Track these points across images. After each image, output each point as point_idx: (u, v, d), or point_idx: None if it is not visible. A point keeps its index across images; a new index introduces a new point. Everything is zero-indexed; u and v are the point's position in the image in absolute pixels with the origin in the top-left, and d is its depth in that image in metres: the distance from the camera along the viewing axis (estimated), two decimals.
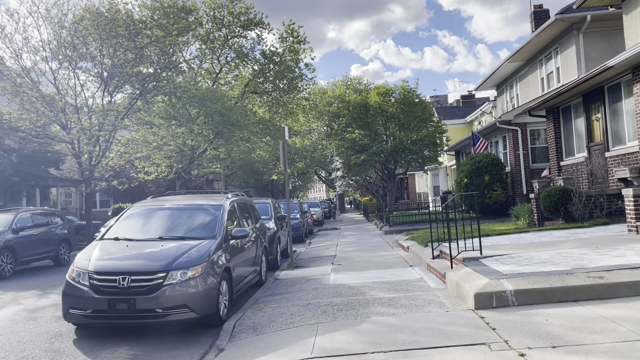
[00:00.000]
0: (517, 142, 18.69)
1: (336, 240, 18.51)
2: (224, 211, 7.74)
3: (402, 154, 29.81)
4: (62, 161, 22.98)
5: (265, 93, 31.64)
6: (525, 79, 23.52)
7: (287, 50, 30.64)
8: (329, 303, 6.92)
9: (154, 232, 7.26)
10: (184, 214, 7.69)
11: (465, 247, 7.92)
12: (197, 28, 28.11)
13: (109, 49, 21.55)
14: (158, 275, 6.18)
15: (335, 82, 56.63)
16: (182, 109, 24.85)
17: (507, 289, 5.78)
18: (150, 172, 28.08)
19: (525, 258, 7.32)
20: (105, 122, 21.71)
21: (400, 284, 8.05)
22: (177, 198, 8.47)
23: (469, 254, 7.77)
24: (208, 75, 30.80)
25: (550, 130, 15.30)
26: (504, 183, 18.53)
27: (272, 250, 11.40)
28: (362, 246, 15.32)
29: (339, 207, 62.41)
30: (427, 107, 30.59)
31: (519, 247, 8.59)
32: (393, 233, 18.78)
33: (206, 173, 34.80)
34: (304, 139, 46.43)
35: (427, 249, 10.42)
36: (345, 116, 30.23)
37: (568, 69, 19.12)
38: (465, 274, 6.81)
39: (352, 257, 12.51)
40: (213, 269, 6.61)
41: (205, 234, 7.22)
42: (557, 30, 19.05)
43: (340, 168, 40.94)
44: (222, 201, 8.04)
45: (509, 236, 10.45)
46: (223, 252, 7.09)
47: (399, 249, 13.41)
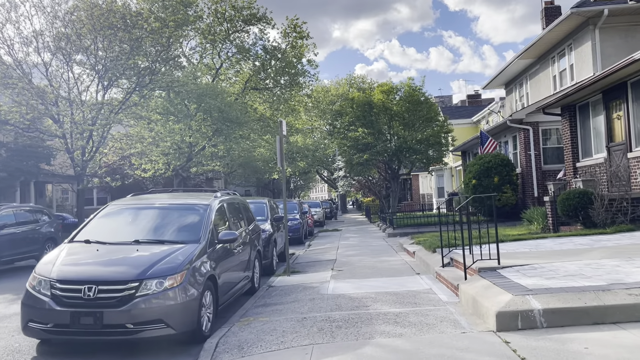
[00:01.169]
0: (529, 142, 17.81)
1: (337, 242, 17.67)
2: (211, 212, 6.90)
3: (406, 154, 28.94)
4: (53, 156, 22.17)
5: (267, 89, 30.81)
6: (536, 77, 22.63)
7: (290, 46, 29.82)
8: (326, 318, 6.08)
9: (130, 234, 6.42)
10: (165, 214, 6.86)
11: (481, 254, 7.06)
12: (197, 22, 27.32)
13: (104, 41, 20.75)
14: (130, 284, 5.35)
15: (339, 81, 55.81)
16: (180, 105, 24.06)
17: (535, 308, 4.93)
18: (147, 169, 27.33)
19: (550, 269, 6.46)
20: (99, 116, 20.92)
21: (407, 295, 7.21)
22: (160, 197, 7.64)
23: (485, 263, 6.91)
24: (208, 70, 29.98)
25: (566, 129, 14.42)
26: (514, 185, 17.66)
27: (267, 254, 10.57)
28: (364, 250, 14.47)
29: (341, 208, 61.61)
30: (433, 106, 29.72)
31: (540, 255, 7.73)
32: (397, 236, 17.94)
33: (205, 171, 34.00)
34: (306, 138, 45.60)
35: (435, 256, 9.56)
36: (349, 114, 29.38)
37: (582, 66, 18.24)
38: (482, 287, 5.96)
39: (354, 262, 11.67)
40: (195, 278, 5.78)
41: (188, 237, 6.39)
42: (571, 25, 18.16)
43: (342, 168, 40.16)
44: (209, 201, 7.21)
45: (525, 242, 9.59)
46: (208, 258, 6.26)
47: (403, 254, 12.56)
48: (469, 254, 7.27)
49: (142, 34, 20.84)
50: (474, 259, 7.00)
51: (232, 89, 30.54)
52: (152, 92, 24.10)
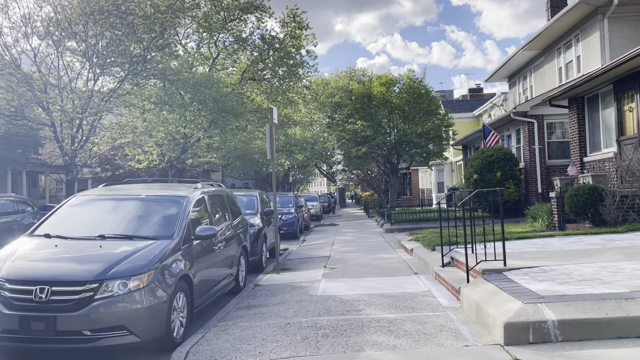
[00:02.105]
0: (533, 136, 17.14)
1: (333, 237, 17.04)
2: (188, 204, 6.25)
3: (406, 148, 28.28)
4: (41, 145, 21.47)
5: (264, 80, 30.09)
6: (541, 69, 21.93)
7: (289, 35, 29.08)
8: (312, 324, 5.45)
9: (96, 228, 5.77)
10: (137, 207, 6.20)
11: (485, 254, 6.41)
12: (194, 9, 26.59)
13: (95, 26, 20.02)
14: (88, 285, 4.72)
15: (339, 74, 55.03)
16: (175, 94, 23.36)
17: (549, 319, 4.30)
18: (141, 160, 26.69)
19: (562, 273, 5.82)
20: (90, 104, 20.22)
21: (404, 298, 6.57)
22: (135, 187, 6.98)
23: (489, 264, 6.27)
24: (205, 60, 29.25)
25: (573, 122, 13.75)
26: (517, 180, 17.02)
27: (256, 250, 9.94)
28: (360, 246, 13.84)
29: (339, 202, 61.00)
30: (434, 99, 29.02)
31: (549, 256, 7.09)
32: (394, 232, 17.31)
33: (201, 163, 33.31)
34: (305, 131, 44.90)
35: (434, 254, 8.93)
36: (347, 106, 28.69)
37: (590, 58, 17.54)
38: (487, 292, 5.32)
39: (348, 259, 11.04)
40: (165, 278, 5.14)
41: (160, 232, 5.74)
42: (579, 15, 17.45)
43: (341, 161, 39.50)
44: (187, 192, 6.55)
45: (531, 241, 8.95)
46: (182, 255, 5.62)
47: (401, 251, 11.93)
48: (471, 253, 6.63)
49: (134, 20, 20.12)
50: (478, 259, 6.35)
51: (229, 79, 29.82)
52: (146, 81, 23.44)
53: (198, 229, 6.03)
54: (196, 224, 6.32)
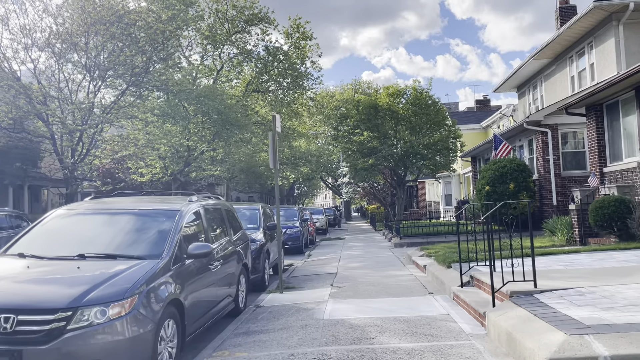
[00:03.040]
0: (547, 146, 16.47)
1: (339, 252, 16.35)
2: (181, 219, 5.63)
3: (413, 159, 27.64)
4: (40, 159, 20.96)
5: (269, 92, 29.67)
6: (552, 78, 21.33)
7: (293, 46, 28.72)
8: (319, 356, 4.78)
9: (76, 246, 5.15)
10: (124, 222, 5.58)
11: (512, 274, 5.71)
12: (198, 21, 26.30)
13: (96, 37, 19.64)
14: (60, 314, 4.08)
15: (344, 86, 54.68)
16: (177, 106, 22.91)
17: (600, 354, 3.62)
18: (144, 174, 26.22)
19: (603, 296, 5.14)
20: (90, 116, 19.77)
21: (421, 323, 5.89)
22: (124, 201, 6.38)
23: (518, 285, 5.59)
24: (209, 72, 28.89)
25: (592, 130, 13.09)
26: (532, 192, 16.32)
27: (258, 267, 9.28)
28: (368, 261, 13.15)
29: (345, 215, 60.26)
30: (441, 110, 28.44)
31: (581, 275, 6.40)
32: (404, 246, 16.62)
33: (205, 176, 32.80)
34: (310, 143, 44.41)
35: (451, 272, 8.25)
36: (353, 117, 28.14)
37: (605, 65, 16.92)
38: (520, 319, 4.65)
39: (357, 276, 10.36)
40: (150, 304, 4.50)
41: (147, 251, 5.12)
42: (593, 21, 16.88)
43: (346, 174, 38.89)
44: (181, 206, 5.93)
45: (556, 257, 8.25)
46: (172, 277, 4.98)
47: (412, 267, 11.24)
48: (494, 272, 5.94)
49: (135, 30, 19.74)
50: (504, 279, 5.67)
51: (233, 91, 29.44)
52: (149, 93, 23.05)
53: (191, 246, 5.39)
54: (190, 240, 5.69)
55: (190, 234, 5.83)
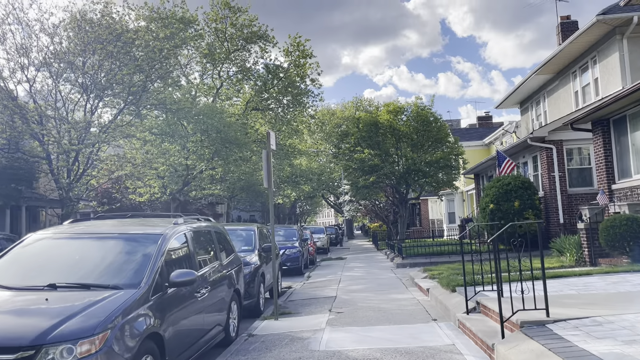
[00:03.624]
0: (552, 163, 16.07)
1: (340, 273, 15.87)
2: (164, 244, 5.22)
3: (415, 177, 27.23)
4: (35, 179, 20.63)
5: (268, 109, 29.46)
6: (555, 93, 21.03)
7: (293, 64, 28.60)
8: None
9: (47, 275, 4.75)
10: (101, 248, 5.18)
11: (522, 301, 5.27)
12: (198, 40, 26.25)
13: (93, 56, 19.49)
14: (22, 353, 3.67)
15: (345, 104, 54.57)
16: (176, 124, 22.67)
17: None
18: (142, 193, 25.90)
19: (622, 326, 4.69)
20: (87, 135, 19.49)
21: (424, 355, 5.44)
22: (104, 224, 5.98)
23: (529, 315, 5.15)
24: (209, 90, 28.74)
25: (599, 146, 12.70)
26: (537, 210, 15.86)
27: (253, 292, 8.83)
28: (369, 283, 12.67)
29: (347, 233, 59.70)
30: (443, 126, 28.12)
31: (596, 301, 5.95)
32: (406, 266, 16.13)
33: (205, 195, 32.43)
34: (311, 161, 44.13)
35: (455, 296, 7.79)
36: (354, 134, 27.84)
37: (609, 80, 16.62)
38: (533, 354, 4.20)
39: (357, 300, 9.89)
40: (124, 340, 4.07)
41: (124, 279, 4.70)
42: (596, 36, 16.62)
43: (348, 192, 38.50)
44: (164, 229, 5.53)
45: (567, 280, 7.80)
46: (151, 308, 4.56)
47: (415, 290, 10.77)
48: (503, 298, 5.50)
49: (133, 49, 19.59)
50: (513, 307, 5.23)
51: (233, 109, 29.27)
52: (148, 112, 22.86)
53: (173, 274, 4.97)
54: (175, 266, 5.28)
55: (174, 259, 5.42)
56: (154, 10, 24.45)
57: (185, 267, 5.56)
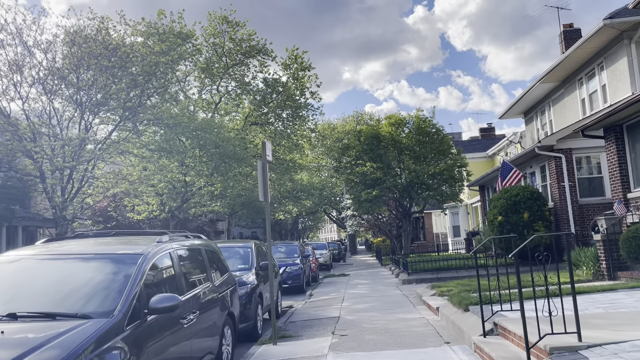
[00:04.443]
0: (562, 172, 15.48)
1: (343, 291, 15.20)
2: (143, 265, 4.63)
3: (418, 190, 26.62)
4: (28, 198, 20.08)
5: (268, 124, 29.01)
6: (561, 102, 20.54)
7: (291, 77, 28.24)
8: None
9: (10, 302, 4.16)
10: (73, 271, 4.60)
11: (551, 324, 4.65)
12: (196, 55, 25.92)
13: (87, 71, 19.11)
14: None
15: (346, 118, 54.17)
16: (173, 140, 22.20)
17: None
18: (140, 211, 25.37)
19: None
20: (81, 153, 18.99)
21: None
22: (79, 243, 5.39)
23: (559, 339, 4.53)
24: (208, 106, 28.34)
25: (612, 153, 12.13)
26: (547, 222, 15.27)
27: (249, 314, 8.20)
28: (375, 302, 12.02)
29: (350, 249, 58.92)
30: (445, 138, 27.61)
31: (628, 321, 5.33)
32: (412, 282, 15.47)
33: (205, 212, 31.84)
34: (313, 176, 43.59)
35: (469, 316, 7.16)
36: (356, 147, 27.34)
37: (618, 86, 16.12)
38: None
39: (362, 321, 9.24)
40: None
41: (95, 307, 4.11)
42: (603, 41, 16.18)
43: (350, 206, 37.89)
44: (145, 248, 4.94)
45: (590, 297, 7.17)
46: (126, 340, 3.95)
47: (423, 308, 10.12)
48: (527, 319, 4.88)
49: (127, 63, 19.18)
50: (540, 331, 4.61)
51: (232, 124, 28.84)
52: (147, 128, 22.44)
53: (153, 299, 4.38)
54: (156, 290, 4.69)
55: (156, 282, 4.83)
56: (151, 26, 24.19)
57: (169, 290, 4.97)
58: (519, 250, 7.34)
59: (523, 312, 4.70)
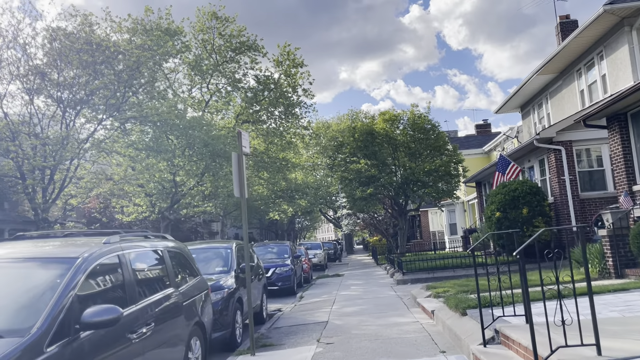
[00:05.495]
0: (561, 166, 14.81)
1: (335, 292, 14.49)
2: (79, 271, 3.90)
3: (414, 187, 25.93)
4: (7, 199, 19.31)
5: (260, 122, 28.25)
6: (559, 94, 19.87)
7: (284, 74, 27.51)
8: None
9: None
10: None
11: (564, 334, 3.95)
12: (185, 52, 25.14)
13: (72, 69, 18.39)
14: None
15: (341, 117, 53.44)
16: (160, 138, 21.46)
17: None
18: (129, 213, 24.63)
19: None
20: (63, 151, 18.23)
21: None
22: (12, 246, 4.64)
23: (575, 353, 3.82)
24: (197, 104, 27.57)
25: (616, 144, 11.45)
26: (547, 217, 14.60)
27: (226, 321, 7.46)
28: (366, 304, 11.31)
29: (347, 248, 58.23)
30: (441, 134, 26.94)
31: None
32: (407, 283, 14.78)
33: (197, 213, 31.06)
34: (307, 175, 42.83)
35: (467, 321, 6.46)
36: (350, 144, 26.63)
37: (618, 75, 15.46)
38: None
39: (351, 325, 8.53)
40: None
41: (6, 324, 3.38)
42: (603, 28, 15.51)
43: (345, 205, 37.20)
44: (82, 252, 4.20)
45: (600, 298, 6.48)
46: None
47: (418, 312, 9.41)
48: (526, 324, 4.17)
49: (108, 58, 18.44)
50: (552, 343, 3.90)
51: (223, 122, 28.09)
52: (133, 126, 21.71)
53: (86, 312, 3.64)
54: (97, 300, 3.97)
55: (97, 291, 4.11)
56: (138, 22, 23.40)
57: (115, 300, 4.24)
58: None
59: (531, 318, 4.00)
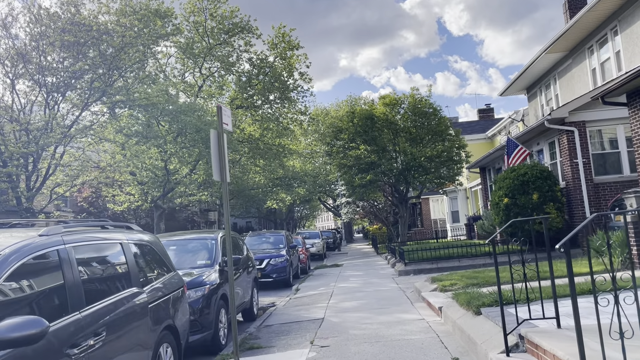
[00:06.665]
0: (574, 148, 13.89)
1: (333, 284, 13.65)
2: None
3: (415, 173, 25.03)
4: None
5: (255, 107, 27.25)
6: (568, 73, 18.88)
7: (279, 57, 26.48)
8: None
9: None
10: None
11: (623, 348, 3.09)
12: (176, 35, 24.07)
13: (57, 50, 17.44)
14: None
15: (340, 103, 52.34)
16: (150, 124, 20.53)
17: None
18: (121, 202, 23.80)
19: None
20: (46, 139, 17.31)
21: None
22: None
23: None
24: (190, 89, 26.56)
25: (638, 121, 10.53)
26: (559, 203, 13.72)
27: (207, 322, 6.60)
28: (366, 298, 10.46)
29: (346, 237, 57.44)
30: (443, 119, 25.96)
31: None
32: (410, 274, 13.93)
33: (192, 202, 30.17)
34: (306, 163, 41.88)
35: (482, 322, 5.59)
36: (349, 129, 25.68)
37: (635, 51, 14.48)
38: None
39: (349, 324, 7.67)
40: None
41: None
42: (616, 1, 14.50)
43: (344, 193, 36.33)
44: (4, 246, 3.31)
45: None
46: None
47: (422, 307, 8.56)
48: (557, 329, 3.32)
49: (97, 40, 17.48)
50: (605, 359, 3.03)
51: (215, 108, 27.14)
52: (123, 112, 20.81)
53: (2, 326, 2.76)
54: (20, 310, 3.08)
55: (21, 297, 3.22)
56: (127, 3, 22.31)
57: (49, 306, 3.36)
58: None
59: (579, 325, 3.12)
